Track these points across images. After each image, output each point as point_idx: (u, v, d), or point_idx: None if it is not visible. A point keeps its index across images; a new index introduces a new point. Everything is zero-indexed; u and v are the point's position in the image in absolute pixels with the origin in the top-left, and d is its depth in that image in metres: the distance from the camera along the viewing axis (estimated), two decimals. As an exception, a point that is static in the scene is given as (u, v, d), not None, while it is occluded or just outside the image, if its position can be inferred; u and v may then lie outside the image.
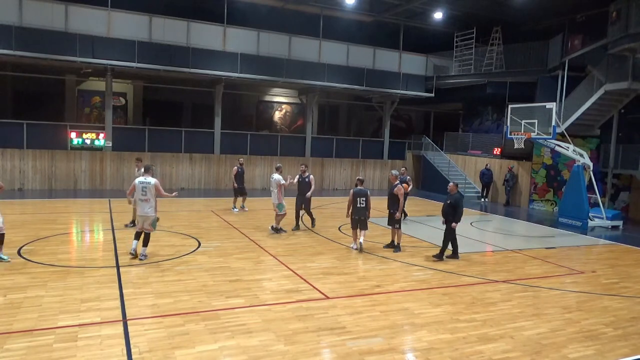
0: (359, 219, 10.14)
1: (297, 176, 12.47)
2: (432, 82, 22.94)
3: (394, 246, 10.50)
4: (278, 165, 12.24)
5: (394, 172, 10.96)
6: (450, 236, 9.91)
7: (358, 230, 10.22)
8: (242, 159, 15.81)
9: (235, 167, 14.98)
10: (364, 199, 10.13)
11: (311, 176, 12.40)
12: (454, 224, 9.78)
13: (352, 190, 10.30)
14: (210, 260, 8.97)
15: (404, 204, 11.03)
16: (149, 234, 8.74)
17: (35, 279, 7.38)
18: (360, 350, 5.48)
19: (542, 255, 10.99)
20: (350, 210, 10.21)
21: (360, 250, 10.10)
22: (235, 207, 14.92)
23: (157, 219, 8.86)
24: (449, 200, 9.86)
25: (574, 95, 17.50)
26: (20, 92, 20.64)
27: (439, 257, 9.82)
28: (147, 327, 5.78)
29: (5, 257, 8.23)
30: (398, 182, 10.55)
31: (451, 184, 10.16)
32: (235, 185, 14.84)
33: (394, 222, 10.43)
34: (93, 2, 17.18)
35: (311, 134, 22.84)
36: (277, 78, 19.95)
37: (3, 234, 8.29)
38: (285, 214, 11.67)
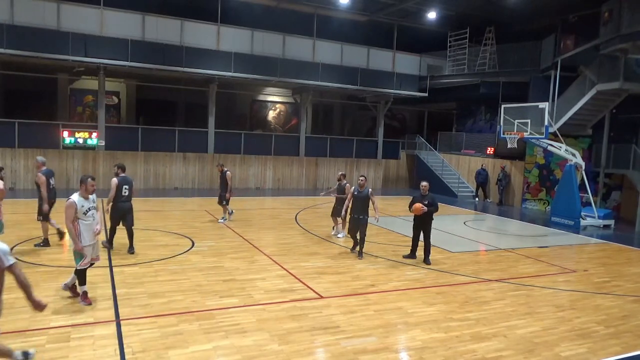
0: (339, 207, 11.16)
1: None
2: (426, 82, 22.99)
3: None
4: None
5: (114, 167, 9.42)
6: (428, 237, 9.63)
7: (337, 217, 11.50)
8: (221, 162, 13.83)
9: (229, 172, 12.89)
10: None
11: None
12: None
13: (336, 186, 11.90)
14: (204, 260, 8.94)
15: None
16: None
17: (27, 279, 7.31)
18: (355, 349, 5.48)
19: (535, 254, 11.06)
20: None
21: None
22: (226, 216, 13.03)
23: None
24: (427, 200, 9.45)
25: (567, 95, 17.61)
26: (12, 91, 20.46)
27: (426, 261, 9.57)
28: (141, 327, 5.75)
29: None
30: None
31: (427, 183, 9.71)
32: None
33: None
34: (85, 0, 17.06)
35: (305, 134, 22.83)
36: (271, 77, 19.91)
37: None
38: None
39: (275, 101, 25.98)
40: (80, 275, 6.47)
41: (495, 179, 20.56)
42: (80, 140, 18.15)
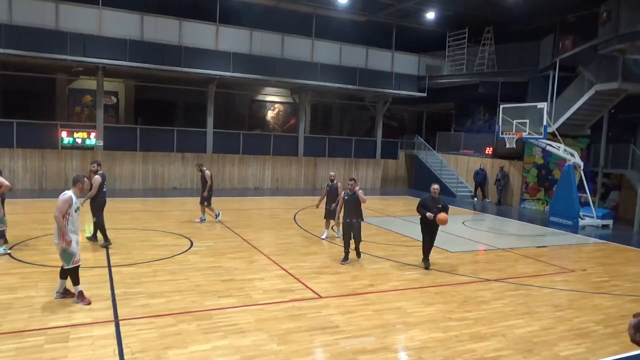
0: (333, 209, 11.08)
1: None
2: (425, 82, 22.98)
3: None
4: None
5: None
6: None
7: (330, 219, 11.38)
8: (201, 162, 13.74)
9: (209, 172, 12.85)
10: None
11: None
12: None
13: (326, 186, 11.65)
14: (202, 260, 8.93)
15: None
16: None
17: (25, 279, 7.32)
18: (353, 349, 5.48)
19: (534, 254, 11.07)
20: (324, 202, 11.54)
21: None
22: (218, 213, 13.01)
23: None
24: (439, 204, 9.35)
25: (565, 95, 17.63)
26: (10, 91, 20.40)
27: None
28: (139, 327, 5.75)
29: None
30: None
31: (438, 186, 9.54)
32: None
33: None
34: (84, 0, 17.04)
35: (304, 134, 22.82)
36: (269, 77, 19.90)
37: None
38: None
39: (274, 101, 25.97)
40: (73, 274, 6.45)
41: (494, 179, 20.58)
42: (79, 141, 18.12)
